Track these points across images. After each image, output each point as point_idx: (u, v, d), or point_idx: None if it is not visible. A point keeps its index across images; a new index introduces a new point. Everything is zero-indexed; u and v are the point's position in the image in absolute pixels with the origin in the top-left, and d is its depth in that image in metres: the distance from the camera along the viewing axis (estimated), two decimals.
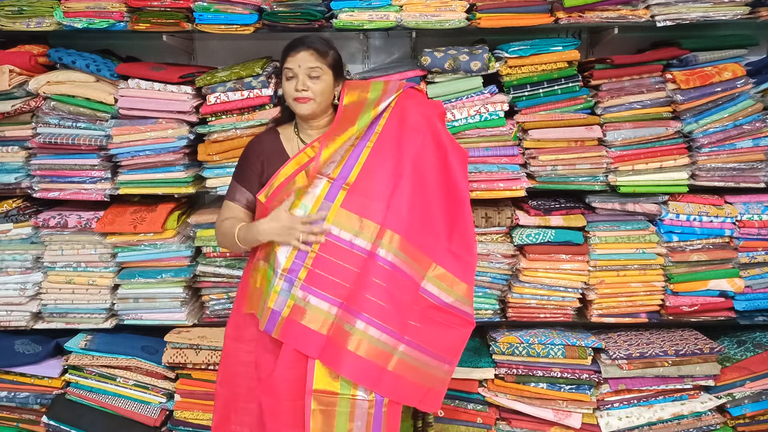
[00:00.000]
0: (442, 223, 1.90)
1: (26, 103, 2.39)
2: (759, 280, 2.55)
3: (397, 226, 1.81)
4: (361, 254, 1.79)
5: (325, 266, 1.78)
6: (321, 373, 1.77)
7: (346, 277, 1.78)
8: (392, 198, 1.82)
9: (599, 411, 2.54)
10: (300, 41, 1.88)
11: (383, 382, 1.78)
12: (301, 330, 1.77)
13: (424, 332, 1.83)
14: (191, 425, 2.57)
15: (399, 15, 2.37)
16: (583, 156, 2.43)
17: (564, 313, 2.58)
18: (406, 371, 1.81)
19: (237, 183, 1.96)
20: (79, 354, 2.56)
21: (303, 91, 1.85)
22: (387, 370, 1.78)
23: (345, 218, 1.80)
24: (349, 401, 1.77)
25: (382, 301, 1.77)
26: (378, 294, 1.78)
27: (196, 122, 2.47)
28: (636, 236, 2.49)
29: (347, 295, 1.78)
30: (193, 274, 2.54)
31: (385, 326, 1.77)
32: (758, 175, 2.47)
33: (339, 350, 1.76)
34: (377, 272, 1.78)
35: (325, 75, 1.88)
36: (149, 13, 2.37)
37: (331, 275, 1.78)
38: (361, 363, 1.76)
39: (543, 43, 2.40)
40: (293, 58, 1.86)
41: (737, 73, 2.39)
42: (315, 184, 1.83)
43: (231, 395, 2.00)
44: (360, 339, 1.75)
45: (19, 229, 2.50)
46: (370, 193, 1.82)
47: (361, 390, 1.77)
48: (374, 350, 1.76)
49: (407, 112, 1.90)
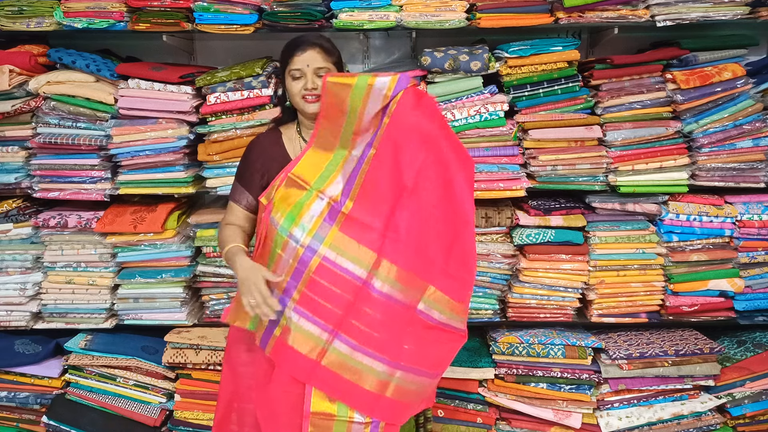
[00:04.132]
0: (441, 242, 1.80)
1: (26, 103, 2.39)
2: (759, 280, 2.55)
3: (395, 256, 1.73)
4: (356, 282, 1.73)
5: (319, 290, 1.73)
6: (318, 396, 1.76)
7: (339, 303, 1.73)
8: (391, 222, 1.74)
9: (599, 411, 2.54)
10: (306, 40, 1.84)
11: (380, 408, 1.76)
12: (291, 352, 1.75)
13: (419, 354, 1.79)
14: (191, 425, 2.57)
15: (399, 15, 2.37)
16: (583, 156, 2.43)
17: (564, 313, 2.58)
18: (403, 395, 1.80)
19: (238, 184, 1.94)
20: (79, 354, 2.56)
21: (313, 90, 1.83)
22: (384, 396, 1.76)
23: (342, 243, 1.73)
24: (346, 424, 1.76)
25: (376, 332, 1.73)
26: (371, 324, 1.73)
27: (196, 122, 2.47)
28: (636, 236, 2.49)
29: (338, 321, 1.73)
30: (193, 274, 2.54)
31: (379, 355, 1.74)
32: (758, 175, 2.47)
33: (331, 376, 1.74)
34: (371, 303, 1.73)
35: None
36: (149, 13, 2.37)
37: (323, 300, 1.73)
38: (357, 391, 1.74)
39: (543, 43, 2.40)
40: (300, 58, 1.82)
41: (737, 73, 2.39)
42: (316, 203, 1.76)
43: (234, 395, 2.00)
44: (352, 366, 1.73)
45: (19, 229, 2.50)
46: (369, 216, 1.74)
47: (358, 413, 1.76)
48: (369, 379, 1.74)
49: (409, 122, 1.74)
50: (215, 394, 2.52)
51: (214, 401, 2.52)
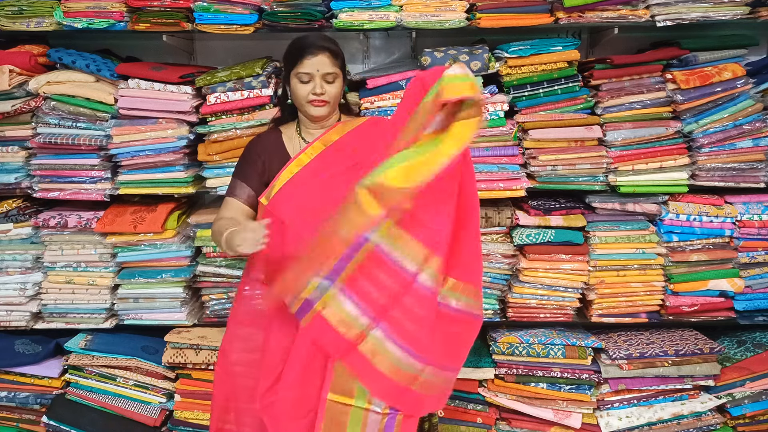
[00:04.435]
0: (455, 233, 1.82)
1: (26, 103, 2.39)
2: (759, 280, 2.55)
3: (441, 252, 1.75)
4: (405, 275, 1.72)
5: (367, 276, 1.72)
6: (339, 380, 1.75)
7: (385, 292, 1.73)
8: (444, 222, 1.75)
9: (599, 411, 2.54)
10: (315, 44, 1.83)
11: (405, 400, 1.76)
12: (328, 328, 1.74)
13: (445, 348, 1.80)
14: (191, 425, 2.57)
15: (399, 15, 2.37)
16: (583, 156, 2.43)
17: (564, 313, 2.58)
18: (428, 389, 1.80)
19: (237, 179, 1.94)
20: (79, 354, 2.56)
21: (321, 95, 1.83)
22: (411, 389, 1.76)
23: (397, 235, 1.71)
24: (362, 412, 1.75)
25: (414, 326, 1.74)
26: (411, 318, 1.74)
27: (196, 122, 2.47)
28: (636, 236, 2.49)
29: (381, 310, 1.73)
30: (193, 274, 2.54)
31: (413, 350, 1.74)
32: (758, 175, 2.47)
33: (364, 362, 1.73)
34: (415, 297, 1.73)
35: (339, 78, 1.87)
36: (149, 13, 2.37)
37: (371, 286, 1.73)
38: (386, 381, 1.74)
39: (543, 43, 2.40)
40: (310, 62, 1.82)
41: (737, 73, 2.39)
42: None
43: (230, 395, 1.99)
44: (386, 358, 1.73)
45: (19, 229, 2.50)
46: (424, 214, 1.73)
47: (376, 403, 1.75)
48: (400, 372, 1.74)
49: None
50: None
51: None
